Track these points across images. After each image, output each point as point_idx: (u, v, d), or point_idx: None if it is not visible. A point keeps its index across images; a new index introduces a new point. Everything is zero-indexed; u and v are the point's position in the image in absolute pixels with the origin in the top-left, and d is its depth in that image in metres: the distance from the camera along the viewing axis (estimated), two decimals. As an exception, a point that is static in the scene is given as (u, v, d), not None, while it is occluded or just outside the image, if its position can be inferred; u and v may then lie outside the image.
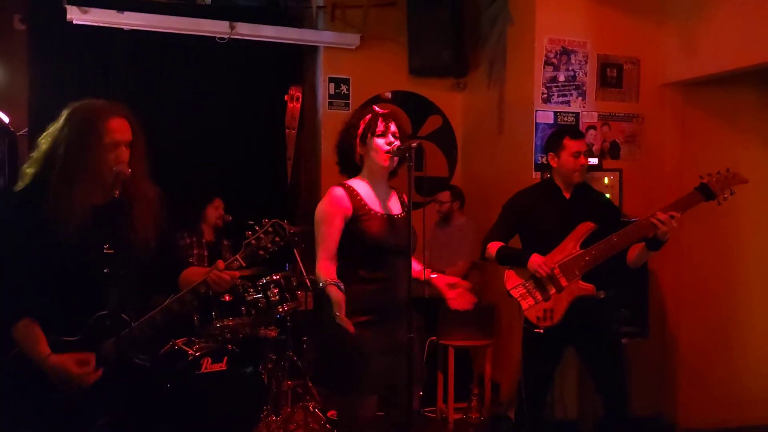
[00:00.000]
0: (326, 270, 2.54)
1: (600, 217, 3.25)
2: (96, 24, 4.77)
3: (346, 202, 2.57)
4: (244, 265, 2.31)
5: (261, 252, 2.30)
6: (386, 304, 2.56)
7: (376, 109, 2.66)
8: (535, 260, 3.17)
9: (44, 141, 2.28)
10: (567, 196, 3.35)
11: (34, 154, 2.30)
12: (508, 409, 4.27)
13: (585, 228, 3.21)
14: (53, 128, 2.28)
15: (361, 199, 2.61)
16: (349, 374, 2.59)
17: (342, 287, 2.45)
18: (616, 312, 3.38)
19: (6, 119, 4.12)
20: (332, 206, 2.58)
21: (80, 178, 2.20)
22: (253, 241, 2.30)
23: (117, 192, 2.17)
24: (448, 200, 4.97)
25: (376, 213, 2.61)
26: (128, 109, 2.33)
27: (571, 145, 3.29)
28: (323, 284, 2.48)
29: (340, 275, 2.57)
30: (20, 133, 4.74)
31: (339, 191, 2.59)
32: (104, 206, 2.21)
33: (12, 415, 2.22)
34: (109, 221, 2.17)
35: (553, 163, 3.36)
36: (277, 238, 2.31)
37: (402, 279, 2.51)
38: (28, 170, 2.27)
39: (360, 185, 2.65)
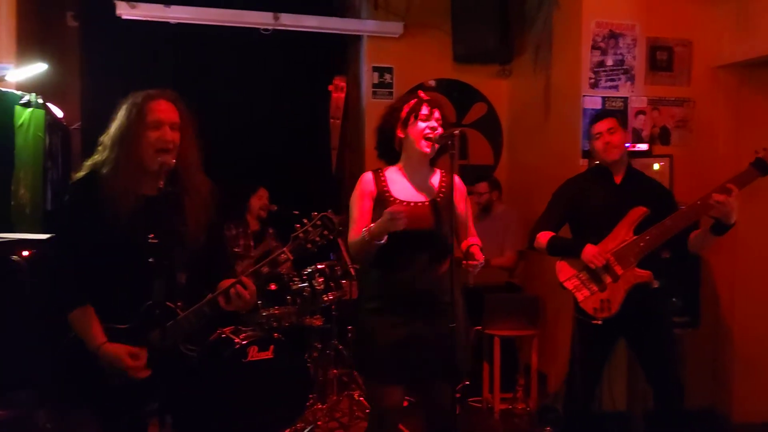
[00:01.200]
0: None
1: (652, 201, 3.14)
2: (144, 18, 4.87)
3: (371, 185, 2.61)
4: (291, 258, 2.30)
5: (309, 245, 2.29)
6: (404, 293, 2.53)
7: (422, 94, 2.64)
8: (590, 251, 3.10)
9: (104, 135, 2.32)
10: (617, 181, 3.27)
11: (97, 149, 2.34)
12: (555, 400, 4.22)
13: (637, 213, 3.12)
14: (111, 121, 2.32)
15: (386, 185, 2.61)
16: (368, 362, 2.61)
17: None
18: (668, 301, 3.28)
19: (60, 113, 4.24)
20: (359, 188, 2.63)
21: (126, 162, 2.22)
22: (301, 234, 2.29)
23: (161, 182, 2.20)
24: (487, 191, 4.92)
25: (395, 199, 2.58)
26: (178, 96, 2.34)
27: (593, 128, 3.25)
28: (362, 238, 2.46)
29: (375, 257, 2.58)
30: (73, 126, 4.88)
31: (367, 175, 2.65)
32: (155, 197, 2.24)
33: (71, 395, 2.31)
34: (157, 212, 2.20)
35: (593, 151, 3.32)
36: (326, 232, 2.29)
37: (425, 268, 2.49)
38: (87, 162, 2.32)
39: (392, 172, 2.65)
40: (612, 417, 4.09)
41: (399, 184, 2.62)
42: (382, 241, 2.43)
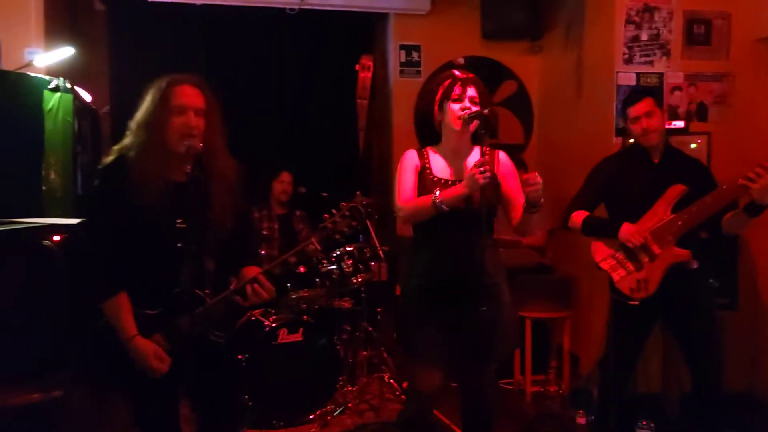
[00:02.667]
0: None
1: (691, 180, 3.06)
2: (170, 0, 4.84)
3: (416, 159, 2.61)
4: (319, 248, 2.29)
5: (337, 236, 2.29)
6: (446, 273, 2.52)
7: (456, 73, 2.60)
8: (627, 229, 3.03)
9: (132, 119, 2.32)
10: (655, 160, 3.19)
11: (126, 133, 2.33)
12: (588, 382, 4.16)
13: (676, 191, 3.04)
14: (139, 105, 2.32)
15: (428, 162, 2.60)
16: (411, 342, 2.60)
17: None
18: (708, 282, 3.21)
19: (88, 98, 4.25)
20: (404, 161, 2.63)
21: (152, 146, 2.22)
22: (329, 225, 2.28)
23: (189, 167, 2.19)
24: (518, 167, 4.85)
25: (434, 177, 2.57)
26: (204, 81, 2.33)
27: (630, 112, 3.16)
28: (432, 202, 2.43)
29: (416, 238, 2.60)
30: (102, 110, 4.89)
31: (410, 151, 2.65)
32: (183, 183, 2.24)
33: (103, 378, 2.34)
34: (185, 197, 2.20)
35: (629, 132, 3.25)
36: (354, 222, 2.29)
37: (466, 248, 2.45)
38: (116, 147, 2.32)
39: (434, 151, 2.64)
40: (646, 399, 4.03)
41: (439, 163, 2.62)
42: (446, 209, 2.42)
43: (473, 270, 2.40)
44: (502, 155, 2.65)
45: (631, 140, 3.33)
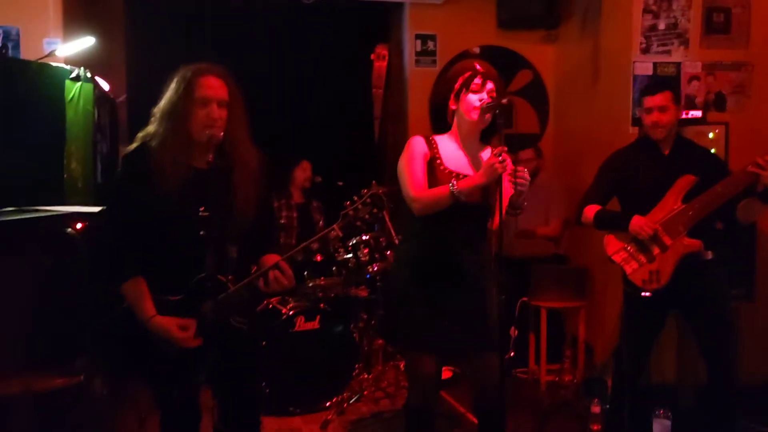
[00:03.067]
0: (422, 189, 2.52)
1: (702, 169, 3.05)
2: (186, -10, 4.88)
3: (425, 147, 2.59)
4: (341, 235, 2.31)
5: (358, 223, 2.30)
6: (439, 264, 2.54)
7: (477, 66, 2.59)
8: (637, 222, 3.03)
9: (156, 107, 2.33)
10: (666, 152, 3.17)
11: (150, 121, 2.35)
12: (602, 372, 4.18)
13: (686, 181, 3.03)
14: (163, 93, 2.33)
15: (437, 152, 2.59)
16: (400, 331, 2.63)
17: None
18: (723, 273, 3.20)
19: (106, 86, 4.28)
20: (411, 149, 2.59)
21: (174, 135, 2.24)
22: (351, 212, 2.30)
23: (211, 156, 2.21)
24: (534, 157, 4.85)
25: (444, 169, 2.56)
26: (227, 72, 2.34)
27: (645, 102, 3.13)
28: (450, 192, 2.41)
29: (413, 227, 2.59)
30: (120, 99, 4.93)
31: (418, 138, 2.62)
32: (205, 171, 2.26)
33: (124, 364, 2.37)
34: (207, 185, 2.21)
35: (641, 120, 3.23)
36: (375, 209, 2.29)
37: (464, 242, 2.48)
38: (139, 134, 2.34)
39: (443, 140, 2.63)
40: (660, 389, 4.03)
41: (450, 153, 2.60)
42: (464, 199, 2.41)
43: (467, 259, 2.43)
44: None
45: (644, 132, 3.32)
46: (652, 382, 4.04)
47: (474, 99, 2.53)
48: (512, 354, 4.35)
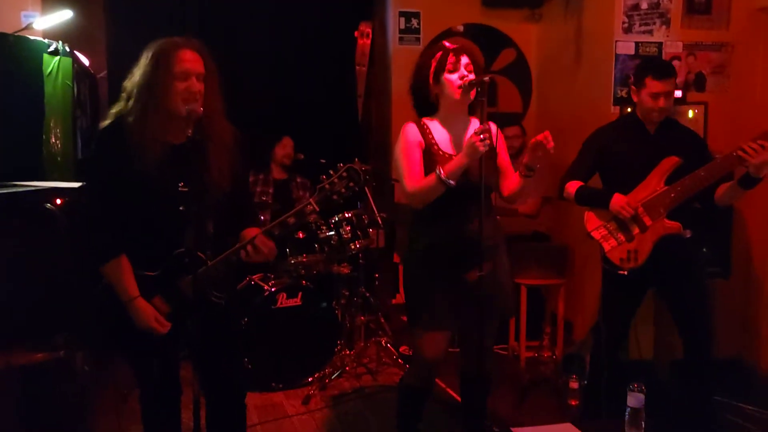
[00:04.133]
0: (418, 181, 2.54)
1: (686, 151, 3.07)
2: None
3: (418, 135, 2.59)
4: (317, 209, 2.32)
5: (335, 197, 2.31)
6: (452, 243, 2.56)
7: (446, 44, 2.59)
8: (618, 200, 3.05)
9: (127, 81, 2.30)
10: (651, 131, 3.19)
11: (121, 96, 2.32)
12: (581, 348, 4.24)
13: (670, 163, 3.05)
14: (135, 68, 2.30)
15: (432, 138, 2.60)
16: (412, 308, 2.67)
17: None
18: (700, 251, 3.23)
19: (86, 61, 4.23)
20: (406, 138, 2.59)
21: (153, 111, 2.21)
22: (327, 186, 2.30)
23: (190, 131, 2.20)
24: (519, 134, 4.87)
25: (444, 153, 2.58)
26: (203, 45, 2.32)
27: (652, 85, 3.06)
28: (437, 179, 2.43)
29: (421, 212, 2.60)
30: (100, 75, 4.87)
31: (411, 126, 2.62)
32: (182, 145, 2.24)
33: (104, 339, 2.37)
34: (185, 160, 2.20)
35: (635, 98, 3.17)
36: (351, 183, 2.30)
37: (470, 218, 2.49)
38: (113, 110, 2.32)
39: (433, 124, 2.63)
40: (638, 365, 4.10)
41: (443, 135, 2.62)
42: (453, 183, 2.43)
43: (474, 235, 2.43)
44: (493, 127, 2.63)
45: (629, 109, 3.33)
46: (631, 358, 4.10)
47: (454, 78, 2.52)
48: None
